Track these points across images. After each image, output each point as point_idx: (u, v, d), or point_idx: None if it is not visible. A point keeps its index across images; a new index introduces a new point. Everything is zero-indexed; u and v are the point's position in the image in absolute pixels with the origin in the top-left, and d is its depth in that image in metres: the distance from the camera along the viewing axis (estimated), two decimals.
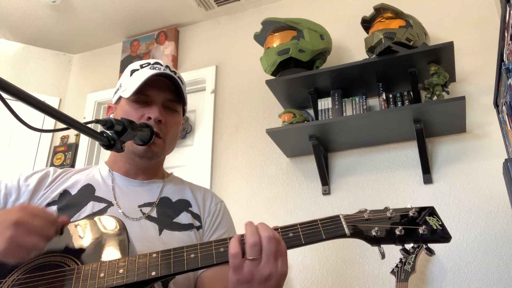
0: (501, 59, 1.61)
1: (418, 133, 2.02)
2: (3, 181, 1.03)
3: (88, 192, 1.06)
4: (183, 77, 1.20)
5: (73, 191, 1.05)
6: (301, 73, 2.24)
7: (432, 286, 1.92)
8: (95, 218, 0.92)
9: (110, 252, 0.85)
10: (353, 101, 2.20)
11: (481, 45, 2.22)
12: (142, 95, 1.07)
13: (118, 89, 1.14)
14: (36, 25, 3.11)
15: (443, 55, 2.05)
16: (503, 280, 1.83)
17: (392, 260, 1.82)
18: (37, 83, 3.23)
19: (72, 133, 3.05)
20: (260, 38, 2.44)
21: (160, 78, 1.09)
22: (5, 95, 0.67)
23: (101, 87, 3.17)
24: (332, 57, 2.46)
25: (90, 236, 0.88)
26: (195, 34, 3.07)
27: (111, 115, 1.15)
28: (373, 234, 0.81)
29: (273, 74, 2.36)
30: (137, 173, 1.12)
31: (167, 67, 1.12)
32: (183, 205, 1.11)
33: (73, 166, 2.91)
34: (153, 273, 0.78)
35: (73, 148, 2.99)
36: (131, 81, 1.08)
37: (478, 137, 2.09)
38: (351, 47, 2.52)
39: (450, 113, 1.98)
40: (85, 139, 2.99)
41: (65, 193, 1.05)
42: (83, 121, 1.08)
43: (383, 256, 0.80)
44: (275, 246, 0.76)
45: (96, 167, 1.16)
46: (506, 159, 1.47)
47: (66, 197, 1.04)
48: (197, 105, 2.86)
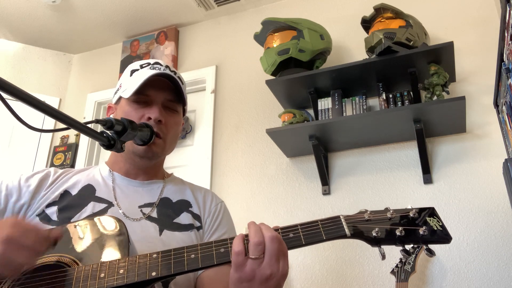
0: (501, 59, 1.61)
1: (418, 133, 2.02)
2: (4, 181, 1.03)
3: (88, 192, 1.06)
4: (183, 77, 1.20)
5: (74, 192, 1.05)
6: (301, 73, 2.24)
7: (432, 286, 1.92)
8: (95, 218, 0.92)
9: (110, 252, 0.85)
10: (353, 101, 2.20)
11: (481, 45, 2.22)
12: (142, 95, 1.07)
13: (118, 89, 1.14)
14: (36, 25, 3.11)
15: (443, 55, 2.05)
16: (503, 280, 1.83)
17: (392, 260, 1.82)
18: (37, 83, 3.23)
19: (72, 133, 3.05)
20: (260, 38, 2.44)
21: (160, 78, 1.09)
22: (5, 95, 0.66)
23: (101, 87, 3.17)
24: (332, 57, 2.46)
25: (90, 236, 0.88)
26: (195, 34, 3.07)
27: (111, 115, 1.15)
28: (373, 235, 0.80)
29: (273, 74, 2.36)
30: (138, 174, 1.12)
31: (167, 67, 1.12)
32: (184, 206, 1.11)
33: (73, 166, 2.91)
34: (154, 274, 0.78)
35: (73, 148, 2.99)
36: (131, 81, 1.08)
37: (478, 137, 2.09)
38: (351, 47, 2.52)
39: (450, 113, 1.98)
40: (85, 139, 2.99)
41: (65, 193, 1.05)
42: (83, 121, 1.08)
43: (384, 257, 0.80)
44: (278, 246, 0.76)
45: (96, 167, 1.16)
46: (506, 159, 1.47)
47: (66, 198, 1.04)
48: (197, 105, 2.86)
